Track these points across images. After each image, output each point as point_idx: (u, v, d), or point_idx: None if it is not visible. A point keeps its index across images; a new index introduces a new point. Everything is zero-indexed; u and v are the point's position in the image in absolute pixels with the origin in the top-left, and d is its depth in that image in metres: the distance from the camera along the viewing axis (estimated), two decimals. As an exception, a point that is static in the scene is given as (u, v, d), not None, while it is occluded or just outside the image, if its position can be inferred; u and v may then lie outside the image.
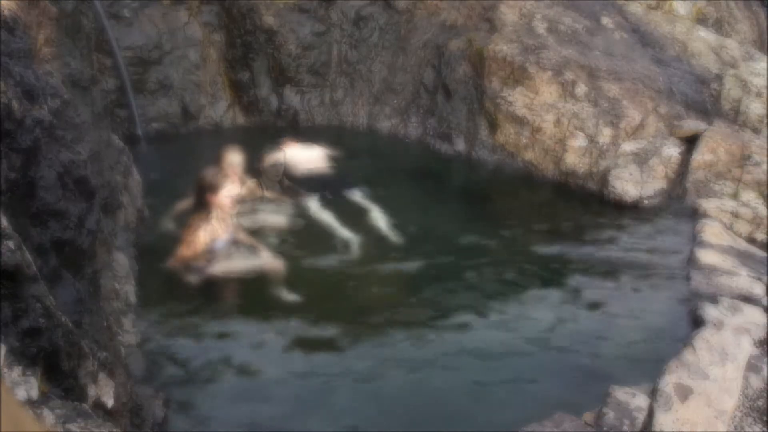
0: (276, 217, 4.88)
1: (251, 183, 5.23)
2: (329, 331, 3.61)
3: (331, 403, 3.04)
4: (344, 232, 4.80)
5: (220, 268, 4.09)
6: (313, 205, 5.17)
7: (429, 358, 3.41)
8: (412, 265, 4.42)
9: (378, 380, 3.22)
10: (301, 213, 5.01)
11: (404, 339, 3.56)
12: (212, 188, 4.14)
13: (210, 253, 4.11)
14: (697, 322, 3.68)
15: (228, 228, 4.34)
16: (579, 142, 6.34)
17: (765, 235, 5.18)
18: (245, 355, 3.36)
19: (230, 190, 4.23)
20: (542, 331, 3.71)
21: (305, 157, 6.28)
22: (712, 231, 4.95)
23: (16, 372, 1.66)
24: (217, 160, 5.04)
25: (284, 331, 3.58)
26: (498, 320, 3.80)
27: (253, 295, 3.93)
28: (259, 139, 7.45)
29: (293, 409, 3.00)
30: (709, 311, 3.68)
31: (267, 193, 5.13)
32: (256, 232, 4.66)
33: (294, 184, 5.34)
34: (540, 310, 3.92)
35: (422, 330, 3.66)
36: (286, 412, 2.98)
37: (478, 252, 4.75)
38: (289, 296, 3.86)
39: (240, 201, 4.99)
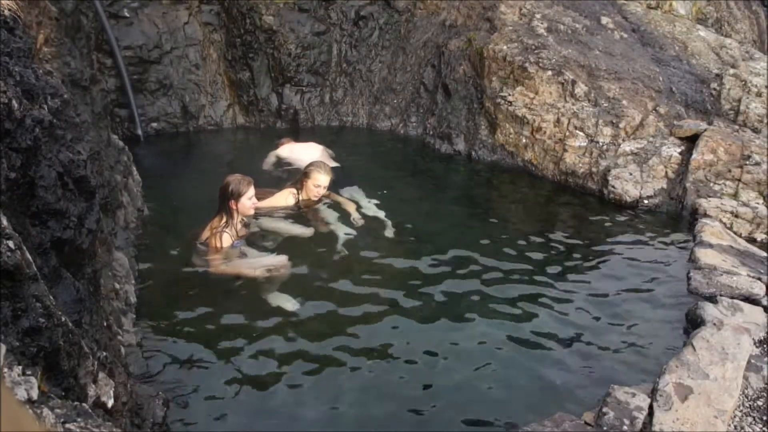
0: (299, 226, 4.88)
1: (338, 197, 5.23)
2: (329, 330, 3.60)
3: (331, 403, 3.04)
4: (343, 229, 4.81)
5: (235, 266, 4.13)
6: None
7: (428, 358, 3.41)
8: (411, 265, 4.42)
9: (377, 379, 3.22)
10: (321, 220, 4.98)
11: (404, 339, 3.56)
12: (237, 195, 4.26)
13: (228, 253, 4.22)
14: (697, 322, 3.68)
15: (243, 230, 4.42)
16: (579, 141, 6.34)
17: (765, 235, 5.18)
18: (246, 354, 3.36)
19: (251, 195, 4.33)
20: (541, 331, 3.71)
21: (304, 154, 6.29)
22: (712, 231, 4.95)
23: (16, 372, 1.66)
24: (303, 174, 5.06)
25: (284, 330, 3.59)
26: (497, 320, 3.79)
27: (254, 295, 3.93)
28: (258, 138, 7.47)
29: (294, 409, 3.00)
30: (709, 311, 3.68)
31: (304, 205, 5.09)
32: (276, 237, 4.69)
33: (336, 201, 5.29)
34: (539, 310, 3.92)
35: (421, 329, 3.66)
36: (287, 412, 2.98)
37: (477, 252, 4.75)
38: (289, 299, 3.87)
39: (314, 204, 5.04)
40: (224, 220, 4.27)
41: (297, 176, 5.19)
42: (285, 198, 4.99)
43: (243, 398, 3.04)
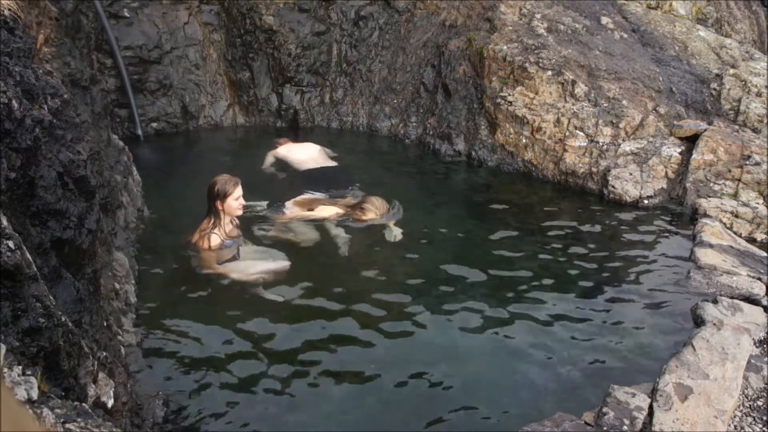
0: (308, 230, 4.86)
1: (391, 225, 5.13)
2: (329, 330, 3.61)
3: (331, 402, 3.05)
4: (340, 230, 4.81)
5: (231, 269, 4.11)
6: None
7: (428, 358, 3.41)
8: (410, 266, 4.42)
9: (377, 380, 3.22)
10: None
11: (404, 338, 3.56)
12: (223, 195, 4.20)
13: (219, 254, 4.19)
14: (697, 322, 3.68)
15: (234, 230, 4.39)
16: (579, 141, 6.34)
17: (765, 235, 5.18)
18: (245, 355, 3.36)
19: (238, 196, 4.27)
20: (542, 331, 3.71)
21: (302, 154, 6.29)
22: (712, 231, 4.95)
23: (16, 372, 1.66)
24: (360, 204, 5.01)
25: (284, 330, 3.59)
26: (497, 320, 3.80)
27: (254, 295, 3.93)
28: (258, 138, 7.47)
29: (293, 409, 3.00)
30: (709, 311, 3.69)
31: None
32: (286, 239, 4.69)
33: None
34: (539, 310, 3.92)
35: (422, 329, 3.66)
36: (286, 412, 2.98)
37: (477, 252, 4.75)
38: (282, 298, 3.87)
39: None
40: (212, 221, 4.24)
41: (356, 201, 5.14)
42: (329, 213, 4.98)
43: (243, 398, 3.04)
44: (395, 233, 4.84)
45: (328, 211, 4.99)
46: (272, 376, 3.21)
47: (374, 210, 4.96)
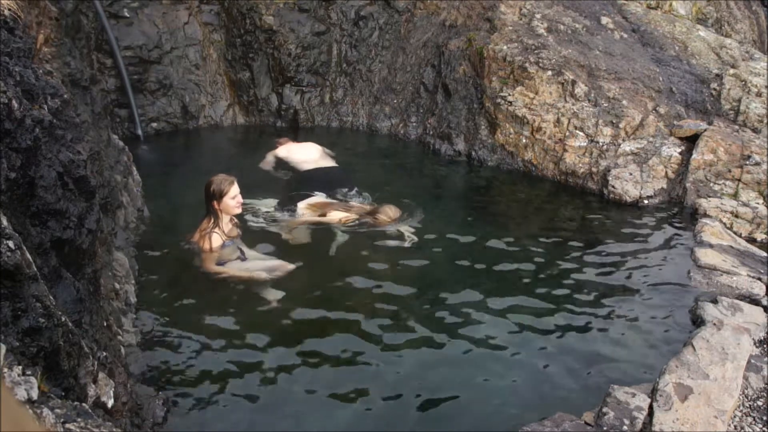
0: (311, 232, 4.86)
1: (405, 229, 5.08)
2: (329, 331, 3.61)
3: (331, 402, 3.04)
4: (345, 235, 4.80)
5: (231, 269, 4.10)
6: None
7: (428, 357, 3.41)
8: (410, 265, 4.42)
9: (377, 380, 3.22)
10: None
11: (404, 338, 3.56)
12: (219, 194, 4.19)
13: (220, 254, 4.18)
14: (697, 322, 3.68)
15: (234, 230, 4.38)
16: (579, 141, 6.34)
17: (765, 235, 5.18)
18: (246, 354, 3.36)
19: (234, 194, 4.25)
20: (541, 331, 3.71)
21: (302, 154, 6.28)
22: (712, 231, 4.95)
23: (16, 372, 1.66)
24: (374, 211, 5.01)
25: (285, 330, 3.59)
26: (497, 319, 3.80)
27: (254, 295, 3.93)
28: (258, 138, 7.47)
29: (294, 408, 3.00)
30: (709, 311, 3.69)
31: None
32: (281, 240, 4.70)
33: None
34: (538, 310, 3.92)
35: (421, 329, 3.66)
36: (287, 412, 2.98)
37: (477, 252, 4.75)
38: (283, 299, 3.86)
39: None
40: (212, 221, 4.23)
41: (370, 207, 5.15)
42: (341, 217, 4.98)
43: (243, 398, 3.04)
44: (407, 239, 4.84)
45: (339, 216, 4.99)
46: (272, 376, 3.21)
47: (386, 218, 4.96)
